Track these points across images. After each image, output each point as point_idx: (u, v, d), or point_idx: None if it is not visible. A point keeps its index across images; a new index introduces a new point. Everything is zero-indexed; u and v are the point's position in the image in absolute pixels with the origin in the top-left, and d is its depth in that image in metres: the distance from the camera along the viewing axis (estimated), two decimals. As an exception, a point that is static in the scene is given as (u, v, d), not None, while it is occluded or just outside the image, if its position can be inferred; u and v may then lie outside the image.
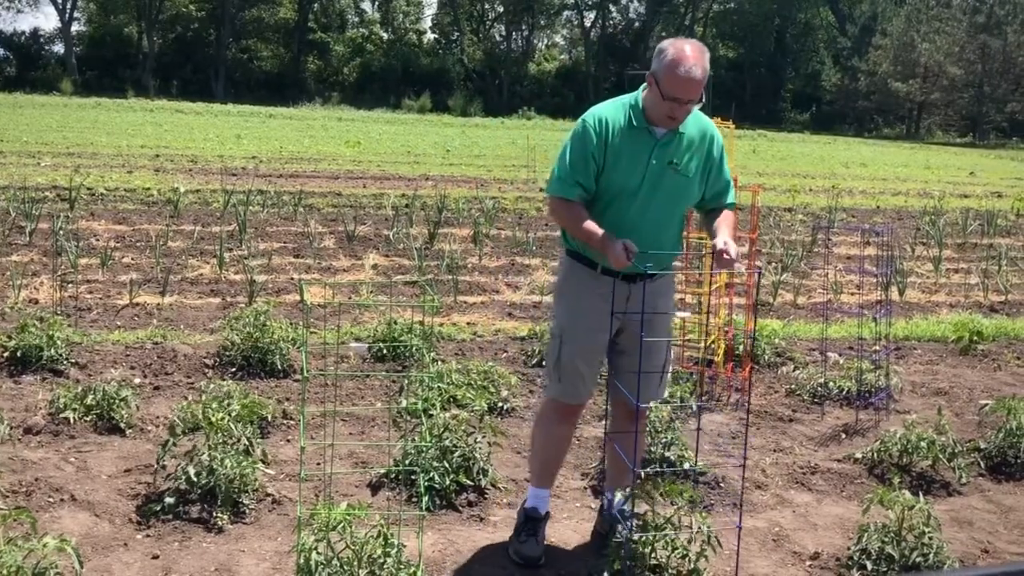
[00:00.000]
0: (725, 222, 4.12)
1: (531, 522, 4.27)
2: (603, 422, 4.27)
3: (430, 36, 75.61)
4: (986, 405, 6.06)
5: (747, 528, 4.55)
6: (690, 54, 3.82)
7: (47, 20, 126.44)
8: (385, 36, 71.53)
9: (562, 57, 77.86)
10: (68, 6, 65.43)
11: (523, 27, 74.75)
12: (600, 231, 3.91)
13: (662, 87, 3.84)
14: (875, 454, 5.45)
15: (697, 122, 4.07)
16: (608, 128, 3.96)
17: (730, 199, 4.21)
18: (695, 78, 3.80)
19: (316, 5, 71.45)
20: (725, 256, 3.83)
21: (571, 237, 4.14)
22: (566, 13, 77.77)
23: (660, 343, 4.16)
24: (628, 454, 4.24)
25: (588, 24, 75.57)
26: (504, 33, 74.27)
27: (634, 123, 3.96)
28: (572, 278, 4.18)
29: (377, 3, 75.03)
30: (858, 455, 5.58)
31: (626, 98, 4.07)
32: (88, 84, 58.66)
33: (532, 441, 4.49)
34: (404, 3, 73.96)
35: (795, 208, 18.26)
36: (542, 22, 77.01)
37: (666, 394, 4.48)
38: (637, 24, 75.91)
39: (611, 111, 4.02)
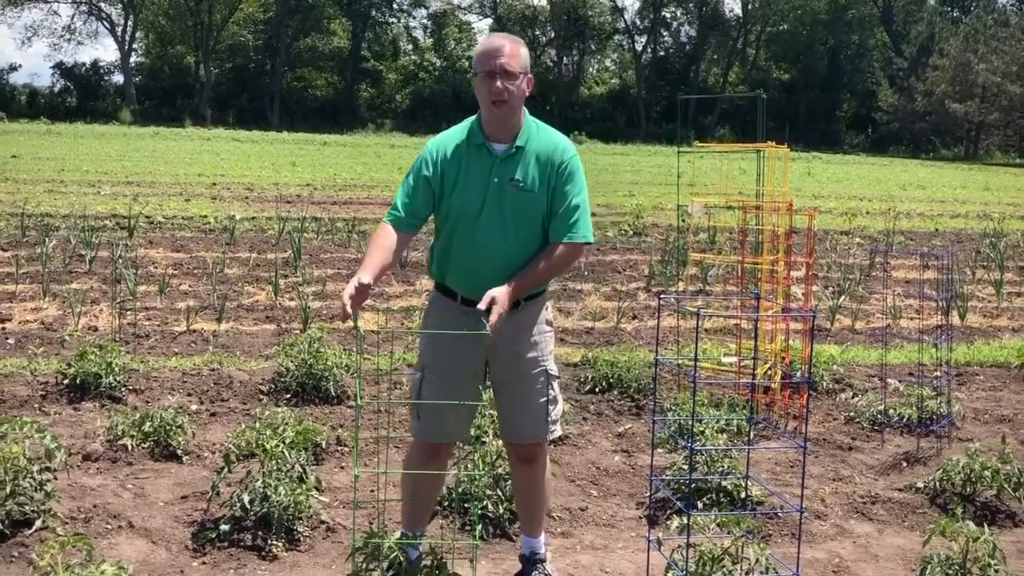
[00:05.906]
0: (530, 266, 3.81)
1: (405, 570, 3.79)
2: (652, 450, 4.21)
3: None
4: (1052, 433, 5.91)
5: (806, 559, 4.46)
6: (493, 34, 3.95)
7: (106, 52, 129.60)
8: (437, 63, 72.17)
9: (613, 81, 77.82)
10: (127, 37, 66.95)
11: (574, 52, 74.97)
12: (362, 270, 3.68)
13: (477, 71, 3.80)
14: (937, 483, 5.33)
15: (548, 138, 3.89)
16: (444, 152, 3.86)
17: (570, 232, 3.81)
18: (495, 45, 3.75)
19: (369, 34, 72.34)
20: (482, 306, 3.63)
21: (433, 267, 4.02)
22: (617, 37, 77.85)
23: (536, 375, 3.94)
24: (527, 498, 4.13)
25: (639, 48, 75.59)
26: (555, 58, 74.52)
27: (473, 141, 3.85)
28: (433, 310, 4.04)
29: (429, 31, 75.83)
30: (920, 484, 5.46)
31: (469, 119, 3.95)
32: (146, 114, 59.84)
33: (401, 482, 4.19)
34: (456, 30, 74.65)
35: (852, 231, 18.03)
36: (593, 46, 77.14)
37: (558, 431, 4.15)
38: (688, 47, 75.77)
39: (452, 135, 3.92)
